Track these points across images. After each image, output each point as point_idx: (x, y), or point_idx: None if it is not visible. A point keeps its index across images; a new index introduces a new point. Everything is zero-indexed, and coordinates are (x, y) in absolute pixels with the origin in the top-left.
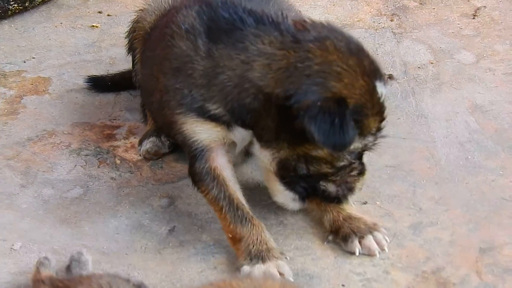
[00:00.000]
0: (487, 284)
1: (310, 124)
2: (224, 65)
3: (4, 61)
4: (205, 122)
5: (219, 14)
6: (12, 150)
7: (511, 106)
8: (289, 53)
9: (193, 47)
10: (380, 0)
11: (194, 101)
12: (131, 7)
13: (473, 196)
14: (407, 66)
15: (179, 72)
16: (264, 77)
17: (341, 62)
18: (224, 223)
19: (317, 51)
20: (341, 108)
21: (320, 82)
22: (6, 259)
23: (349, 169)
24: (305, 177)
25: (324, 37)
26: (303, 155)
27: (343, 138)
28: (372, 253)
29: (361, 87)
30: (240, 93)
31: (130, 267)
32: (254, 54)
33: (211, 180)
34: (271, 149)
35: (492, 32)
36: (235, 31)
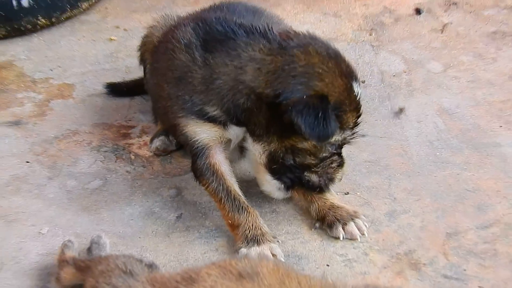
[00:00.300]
0: (453, 264)
1: (297, 117)
2: (219, 71)
3: (34, 70)
4: (204, 124)
5: (214, 27)
6: (40, 147)
7: (474, 109)
8: (277, 58)
9: (191, 58)
10: (360, 17)
11: (194, 105)
12: (144, 23)
13: (440, 188)
14: (383, 75)
15: (180, 81)
16: (255, 79)
17: (322, 64)
18: (223, 212)
19: (301, 55)
20: (323, 103)
21: (304, 81)
22: (35, 242)
23: (330, 161)
24: (291, 168)
25: (307, 43)
26: (290, 147)
27: (327, 130)
28: (354, 237)
29: (340, 86)
30: (235, 95)
31: (143, 249)
32: (246, 60)
33: (211, 174)
34: (262, 143)
35: (458, 45)
36: (228, 41)
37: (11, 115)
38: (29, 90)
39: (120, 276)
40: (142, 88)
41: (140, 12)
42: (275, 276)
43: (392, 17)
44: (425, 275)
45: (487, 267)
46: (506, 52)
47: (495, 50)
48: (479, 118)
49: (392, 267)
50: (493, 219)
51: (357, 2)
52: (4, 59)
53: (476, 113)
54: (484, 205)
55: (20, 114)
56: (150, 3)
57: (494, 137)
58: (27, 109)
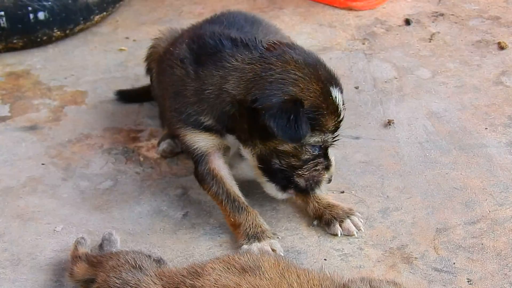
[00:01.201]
0: (443, 258)
1: (270, 120)
2: (208, 82)
3: (49, 78)
4: (201, 133)
5: (206, 41)
6: (55, 150)
7: (460, 113)
8: (256, 66)
9: (185, 73)
10: (354, 28)
11: (189, 116)
12: (152, 34)
13: (430, 186)
14: (376, 81)
15: (177, 95)
16: (237, 87)
17: (297, 71)
18: (224, 213)
19: (278, 63)
20: (295, 107)
21: (280, 87)
22: (50, 239)
23: (314, 163)
24: (280, 170)
25: (285, 52)
26: (273, 150)
27: (298, 132)
28: (351, 233)
29: (315, 90)
30: (221, 103)
31: (151, 245)
32: (230, 69)
33: (211, 179)
34: (249, 147)
35: (445, 52)
36: (216, 53)
37: (28, 120)
38: (44, 97)
39: (130, 271)
40: (150, 95)
41: (148, 24)
42: (275, 269)
43: (383, 27)
44: (417, 268)
45: (475, 260)
46: (490, 59)
47: (479, 58)
48: (465, 121)
49: (386, 261)
50: (480, 215)
51: (350, 14)
52: (22, 68)
53: (463, 116)
54: (471, 202)
55: (36, 119)
56: (158, 15)
57: (480, 139)
58: (42, 115)
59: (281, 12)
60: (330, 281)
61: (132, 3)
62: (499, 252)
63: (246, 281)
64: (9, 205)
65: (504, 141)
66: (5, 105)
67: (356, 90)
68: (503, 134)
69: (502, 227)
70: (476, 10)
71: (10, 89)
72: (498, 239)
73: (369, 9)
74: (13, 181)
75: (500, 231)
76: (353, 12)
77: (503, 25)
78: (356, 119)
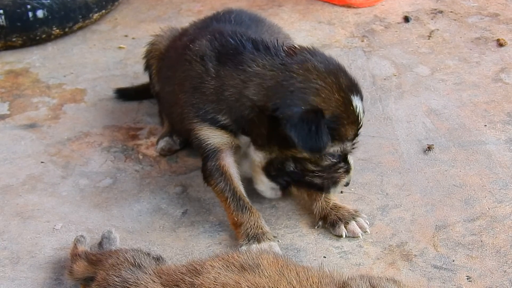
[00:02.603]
0: (442, 255)
1: (291, 130)
2: (228, 84)
3: (48, 76)
4: (216, 130)
5: (228, 40)
6: (54, 148)
7: (460, 110)
8: (277, 73)
9: (205, 70)
10: (352, 25)
11: (207, 113)
12: (151, 32)
13: (429, 183)
14: (375, 78)
15: (196, 90)
16: (257, 93)
17: (319, 80)
18: (228, 211)
19: (299, 71)
20: (317, 117)
21: (301, 96)
22: (50, 237)
23: (335, 167)
24: (291, 173)
25: (307, 59)
26: (291, 156)
27: (318, 143)
28: (356, 235)
29: (337, 100)
30: (240, 106)
31: (151, 243)
32: (251, 75)
33: (219, 175)
34: (264, 152)
35: (444, 50)
36: (237, 55)
37: (27, 118)
38: (43, 95)
39: (129, 269)
40: (149, 93)
41: (147, 22)
42: (274, 267)
43: (382, 24)
44: (416, 266)
45: (474, 257)
46: (489, 56)
47: (478, 55)
48: (465, 118)
49: (385, 258)
50: (479, 213)
51: (349, 11)
52: (21, 66)
53: (462, 114)
54: (470, 200)
55: (35, 117)
56: (157, 13)
57: (479, 136)
58: (42, 113)
59: (280, 9)
60: (330, 279)
61: (131, 1)
62: (498, 249)
63: (245, 279)
64: (8, 203)
65: (503, 138)
66: (4, 103)
67: None
68: (502, 131)
69: (501, 224)
70: (475, 7)
71: (9, 87)
72: (497, 236)
73: (368, 6)
74: (13, 179)
75: (499, 228)
76: (352, 9)
77: (502, 22)
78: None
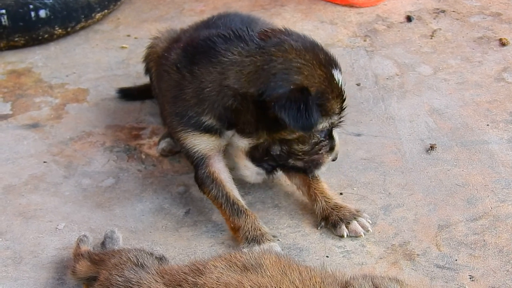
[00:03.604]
0: (445, 254)
1: (281, 112)
2: (205, 80)
3: (51, 76)
4: (201, 134)
5: (198, 43)
6: (57, 148)
7: (462, 109)
8: (255, 58)
9: (182, 77)
10: (355, 25)
11: (191, 118)
12: (153, 32)
13: (432, 183)
14: (377, 78)
15: (177, 99)
16: (238, 81)
17: (299, 58)
18: (224, 217)
19: (278, 53)
20: (304, 95)
21: (285, 77)
22: (52, 237)
23: (318, 147)
24: (276, 156)
25: (283, 40)
26: (278, 139)
27: (309, 120)
28: (358, 234)
29: (319, 76)
30: (222, 98)
31: (153, 243)
32: (227, 64)
33: (211, 182)
34: (251, 138)
35: (446, 49)
36: (209, 50)
37: (30, 118)
38: (46, 95)
39: (132, 269)
40: (151, 93)
41: (149, 22)
42: (277, 267)
43: (384, 24)
44: (419, 265)
45: (477, 257)
46: (491, 56)
47: (481, 54)
48: (467, 117)
49: (388, 257)
50: (482, 212)
51: (352, 11)
52: (23, 66)
53: (465, 113)
54: (473, 199)
55: (37, 117)
56: (159, 13)
57: (482, 135)
58: (44, 113)
59: (283, 9)
60: (332, 278)
61: (133, 1)
62: (501, 249)
63: (248, 279)
64: (11, 203)
65: (506, 137)
66: (6, 103)
67: (358, 87)
68: (504, 131)
69: (504, 223)
70: (477, 6)
71: (12, 87)
72: (500, 236)
73: (371, 6)
74: (15, 179)
75: (502, 228)
76: (355, 9)
77: (504, 22)
78: (357, 116)
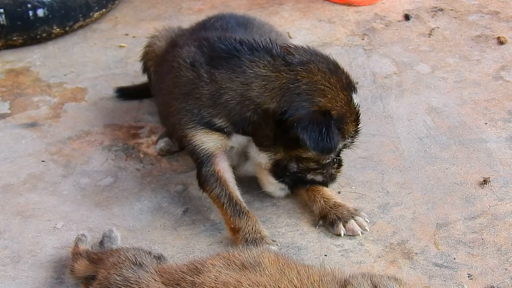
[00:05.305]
0: (443, 253)
1: (303, 133)
2: (226, 87)
3: (49, 75)
4: (211, 133)
5: (217, 46)
6: (55, 147)
7: (460, 108)
8: (281, 74)
9: (197, 76)
10: (353, 23)
11: (203, 118)
12: (151, 30)
13: (430, 181)
14: (375, 76)
15: (188, 96)
16: (261, 95)
17: (324, 81)
18: (225, 217)
19: (303, 73)
20: (326, 119)
21: (308, 98)
22: (51, 236)
23: (332, 163)
24: (294, 172)
25: (308, 60)
26: (295, 157)
27: (330, 144)
28: (355, 233)
29: (341, 100)
30: (242, 109)
31: (152, 242)
32: (252, 76)
33: (215, 180)
34: (268, 153)
35: (445, 48)
36: (232, 58)
37: (28, 117)
38: (44, 94)
39: (130, 268)
40: (150, 92)
41: (147, 21)
42: (276, 266)
43: (382, 23)
44: (417, 264)
45: (475, 255)
46: (489, 54)
47: (479, 53)
48: (465, 116)
49: (386, 256)
50: (480, 210)
51: (350, 10)
52: (21, 65)
53: (463, 111)
54: (471, 197)
55: (36, 116)
56: (157, 12)
57: (480, 134)
58: (42, 112)
59: (281, 8)
60: (331, 277)
61: (131, 0)
62: (499, 247)
63: (246, 278)
64: (9, 202)
65: (504, 135)
66: (5, 102)
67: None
68: (503, 129)
69: (502, 222)
70: (475, 5)
71: (10, 86)
72: (498, 234)
73: (369, 5)
74: (13, 178)
75: (500, 226)
76: (353, 7)
77: (502, 20)
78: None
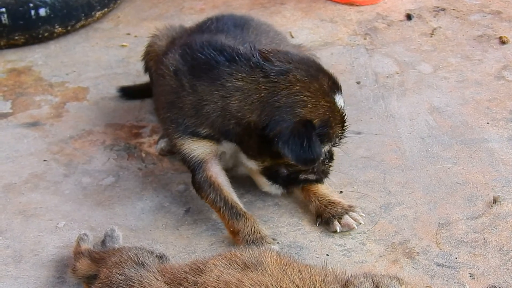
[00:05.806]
0: (445, 252)
1: (284, 148)
2: (207, 99)
3: (51, 74)
4: (199, 140)
5: (197, 55)
6: (57, 146)
7: (462, 107)
8: (260, 87)
9: (180, 85)
10: (355, 23)
11: (188, 127)
12: (153, 30)
13: (432, 181)
14: (377, 76)
15: (173, 106)
16: (241, 109)
17: (304, 90)
18: (223, 220)
19: (282, 86)
20: (308, 130)
21: (289, 111)
22: (52, 235)
23: (323, 161)
24: (287, 175)
25: (287, 69)
26: (283, 163)
27: (312, 155)
28: (351, 227)
29: (323, 106)
30: (223, 121)
31: (154, 241)
32: (231, 89)
33: (208, 186)
34: (256, 161)
35: (446, 47)
36: (212, 69)
37: (30, 116)
38: (46, 93)
39: (132, 267)
40: (151, 91)
41: (149, 20)
42: (277, 265)
43: (384, 22)
44: (419, 263)
45: (477, 255)
46: (491, 54)
47: (481, 52)
48: (467, 115)
49: (388, 256)
50: (482, 210)
51: (352, 9)
52: (23, 65)
53: (465, 111)
54: (473, 197)
55: (38, 115)
56: (159, 11)
57: (482, 133)
58: (44, 111)
59: (283, 7)
60: (333, 277)
61: None
62: (501, 247)
63: (248, 277)
64: (11, 202)
65: (506, 135)
66: (6, 101)
67: (358, 85)
68: (505, 129)
69: (504, 221)
70: (477, 4)
71: (12, 86)
72: (500, 234)
73: (371, 4)
74: (15, 178)
75: (502, 226)
76: (355, 7)
77: (504, 20)
78: (357, 114)
